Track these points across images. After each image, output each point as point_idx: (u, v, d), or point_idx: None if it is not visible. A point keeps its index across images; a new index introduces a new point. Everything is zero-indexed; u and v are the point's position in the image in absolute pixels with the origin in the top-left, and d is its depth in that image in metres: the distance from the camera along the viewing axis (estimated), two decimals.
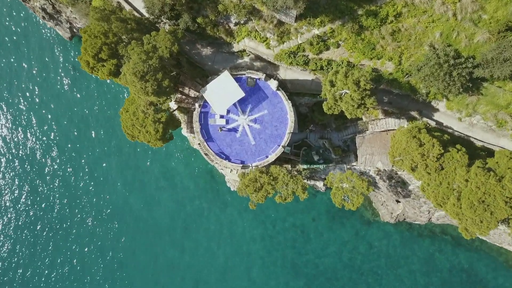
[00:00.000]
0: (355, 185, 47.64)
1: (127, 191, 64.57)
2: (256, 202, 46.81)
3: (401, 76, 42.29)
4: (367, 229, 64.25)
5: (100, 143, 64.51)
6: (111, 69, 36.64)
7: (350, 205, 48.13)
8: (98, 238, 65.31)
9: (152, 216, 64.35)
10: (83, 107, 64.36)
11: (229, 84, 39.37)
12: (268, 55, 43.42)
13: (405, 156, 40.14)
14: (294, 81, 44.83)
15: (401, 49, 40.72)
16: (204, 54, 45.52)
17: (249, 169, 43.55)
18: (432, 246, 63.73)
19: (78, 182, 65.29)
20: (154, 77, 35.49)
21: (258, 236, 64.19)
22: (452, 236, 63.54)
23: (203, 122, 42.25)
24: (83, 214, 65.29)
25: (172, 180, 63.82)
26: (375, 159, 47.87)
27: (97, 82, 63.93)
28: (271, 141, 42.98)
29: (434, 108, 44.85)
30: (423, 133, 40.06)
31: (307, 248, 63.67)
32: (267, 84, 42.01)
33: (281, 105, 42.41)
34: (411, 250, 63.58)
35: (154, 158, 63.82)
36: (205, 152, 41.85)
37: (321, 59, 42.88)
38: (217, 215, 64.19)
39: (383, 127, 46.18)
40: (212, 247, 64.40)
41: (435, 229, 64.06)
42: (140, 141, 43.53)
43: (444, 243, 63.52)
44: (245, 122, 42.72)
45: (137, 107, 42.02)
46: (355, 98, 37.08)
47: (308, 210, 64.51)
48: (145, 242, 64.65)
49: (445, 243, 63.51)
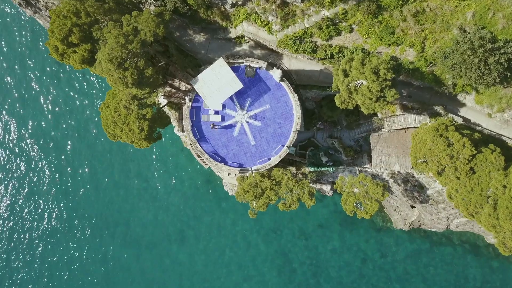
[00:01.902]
0: (369, 190, 42.21)
1: (112, 197, 58.98)
2: (256, 210, 41.61)
3: (423, 65, 36.73)
4: (378, 237, 59.30)
5: (84, 143, 58.93)
6: (84, 56, 30.97)
7: (363, 213, 42.66)
8: (85, 245, 59.75)
9: (141, 226, 58.84)
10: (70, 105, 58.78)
11: (225, 73, 33.61)
12: (270, 42, 37.77)
13: (431, 158, 34.45)
14: (300, 72, 39.17)
15: (424, 34, 35.13)
16: (196, 41, 39.86)
17: (248, 173, 37.91)
18: (449, 255, 58.61)
19: (62, 186, 59.71)
20: (135, 65, 29.84)
21: (259, 244, 58.99)
22: (471, 244, 58.54)
23: (194, 119, 36.52)
24: (70, 221, 59.75)
25: (163, 184, 58.32)
26: (392, 161, 42.21)
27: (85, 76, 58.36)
28: (274, 140, 37.24)
29: (460, 103, 39.30)
30: (451, 131, 34.41)
31: (312, 256, 58.78)
32: (269, 74, 36.23)
33: (286, 98, 36.64)
34: (426, 259, 58.53)
35: (141, 160, 58.20)
36: (197, 153, 36.10)
37: (331, 46, 37.25)
38: (214, 222, 58.76)
39: (402, 125, 40.59)
40: (209, 258, 58.94)
41: (452, 237, 59.06)
42: (123, 141, 37.97)
43: (463, 252, 58.39)
44: (244, 118, 36.92)
45: (118, 102, 36.39)
46: (374, 90, 31.46)
47: (314, 215, 59.51)
48: (135, 253, 59.08)
49: (464, 251, 58.38)
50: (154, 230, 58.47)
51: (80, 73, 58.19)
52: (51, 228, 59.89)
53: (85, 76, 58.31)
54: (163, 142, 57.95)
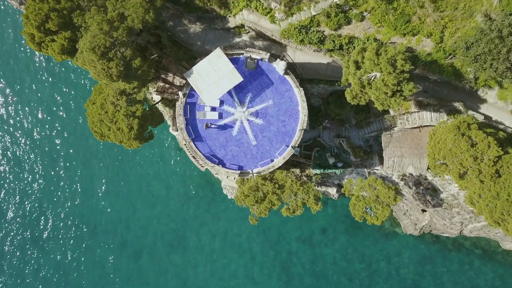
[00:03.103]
0: (380, 194, 38.85)
1: (102, 199, 55.56)
2: (258, 215, 38.29)
3: (442, 57, 33.29)
4: (387, 242, 55.99)
5: (73, 143, 55.50)
6: (64, 45, 27.49)
7: (374, 219, 39.31)
8: (74, 253, 56.37)
9: (132, 232, 55.45)
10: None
11: (223, 65, 30.07)
12: (272, 32, 34.30)
13: (451, 159, 30.99)
14: (306, 65, 35.70)
15: (444, 22, 31.70)
16: (192, 32, 36.38)
17: (249, 176, 34.45)
18: (462, 261, 55.49)
19: (49, 189, 56.28)
20: (121, 55, 26.34)
21: (259, 250, 55.66)
22: (485, 250, 55.37)
23: (189, 116, 32.96)
24: (55, 228, 56.29)
25: (157, 187, 54.90)
26: (405, 162, 38.79)
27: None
28: (277, 140, 33.74)
29: (480, 99, 35.92)
30: (473, 130, 30.97)
31: (316, 263, 55.43)
32: (272, 66, 32.72)
33: (290, 93, 33.12)
34: (438, 266, 55.33)
35: (134, 161, 54.74)
36: (193, 154, 32.60)
37: (340, 36, 33.78)
38: (212, 227, 55.38)
39: (416, 123, 37.18)
40: (205, 265, 55.53)
41: (464, 242, 55.88)
42: (111, 141, 34.48)
43: (476, 258, 55.23)
44: (244, 116, 33.47)
45: (105, 98, 32.95)
46: (389, 83, 28.00)
47: (318, 220, 56.17)
48: (126, 263, 55.75)
49: (478, 257, 55.20)
50: (148, 237, 55.12)
51: (68, 67, 54.71)
52: (39, 235, 56.60)
53: (76, 70, 54.85)
54: (159, 142, 54.63)
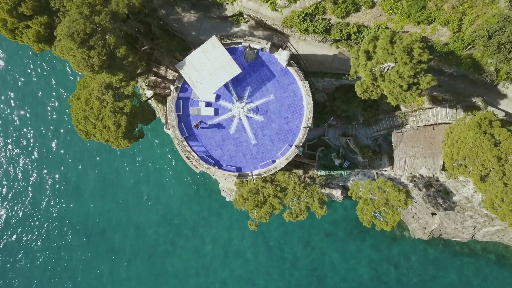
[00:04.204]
0: (389, 197, 35.89)
1: (90, 202, 52.64)
2: (258, 220, 35.38)
3: (460, 48, 30.32)
4: (393, 247, 53.13)
5: (61, 143, 52.50)
6: (40, 32, 24.51)
7: (383, 224, 36.41)
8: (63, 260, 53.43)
9: (121, 238, 52.56)
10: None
11: (219, 55, 27.03)
12: (274, 20, 31.30)
13: (472, 160, 28.02)
14: (310, 57, 32.70)
15: (463, 8, 28.78)
16: (186, 21, 33.38)
17: (248, 178, 31.46)
18: (474, 266, 52.69)
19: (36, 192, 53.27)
20: (103, 43, 23.30)
21: (259, 254, 52.83)
22: (497, 254, 52.63)
23: (182, 113, 29.91)
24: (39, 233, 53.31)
25: (151, 189, 51.93)
26: (418, 163, 35.84)
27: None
28: (279, 139, 30.72)
29: (500, 94, 33.01)
30: (496, 127, 28.08)
31: (318, 268, 52.72)
32: (273, 57, 29.67)
33: (294, 87, 30.08)
34: (448, 271, 52.56)
35: (125, 162, 51.74)
36: (186, 154, 29.58)
37: (348, 25, 30.79)
38: (209, 231, 52.47)
39: (430, 120, 34.31)
40: (201, 271, 52.65)
41: (475, 247, 53.05)
42: (98, 140, 31.55)
43: (488, 263, 52.53)
44: (243, 112, 30.46)
45: (90, 93, 29.98)
46: (405, 75, 25.06)
47: (321, 223, 53.24)
48: (118, 269, 52.82)
49: (490, 262, 52.50)
50: (139, 241, 52.21)
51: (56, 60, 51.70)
52: (31, 242, 53.67)
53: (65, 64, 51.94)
54: (153, 141, 51.71)
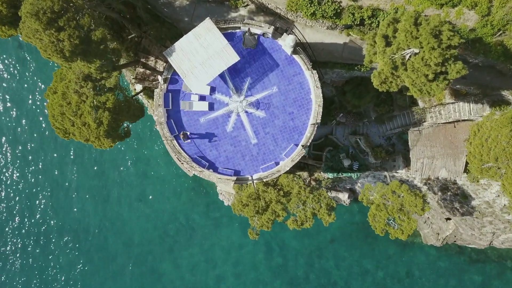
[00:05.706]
0: (405, 202, 32.36)
1: (78, 203, 49.26)
2: (258, 229, 32.02)
3: (489, 34, 26.72)
4: (403, 254, 49.94)
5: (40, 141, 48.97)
6: (3, 12, 20.83)
7: (398, 233, 32.93)
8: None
9: (111, 242, 49.27)
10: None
11: (213, 41, 23.31)
12: (276, 3, 27.62)
13: (506, 161, 24.39)
14: (317, 46, 28.99)
15: None
16: (177, 5, 29.67)
17: (248, 182, 27.83)
18: (489, 274, 49.57)
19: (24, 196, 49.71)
20: (76, 23, 19.59)
21: (258, 262, 49.96)
22: None
23: (171, 108, 26.22)
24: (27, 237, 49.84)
25: (143, 191, 48.62)
26: (437, 164, 32.24)
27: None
28: (283, 138, 27.02)
29: None
30: None
31: (323, 277, 49.75)
32: (276, 43, 25.95)
33: (301, 78, 26.36)
34: (463, 280, 49.21)
35: (115, 163, 48.35)
36: (176, 156, 25.93)
37: (361, 8, 27.14)
38: (206, 238, 49.27)
39: (451, 116, 30.69)
40: (196, 279, 49.34)
41: (491, 253, 49.81)
42: (76, 139, 27.94)
43: (505, 270, 49.37)
44: (241, 107, 26.75)
45: (67, 85, 26.35)
46: (432, 62, 21.36)
47: (325, 228, 49.74)
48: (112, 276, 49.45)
49: (507, 269, 49.26)
50: (132, 248, 48.90)
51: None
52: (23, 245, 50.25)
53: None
54: (144, 140, 48.38)
